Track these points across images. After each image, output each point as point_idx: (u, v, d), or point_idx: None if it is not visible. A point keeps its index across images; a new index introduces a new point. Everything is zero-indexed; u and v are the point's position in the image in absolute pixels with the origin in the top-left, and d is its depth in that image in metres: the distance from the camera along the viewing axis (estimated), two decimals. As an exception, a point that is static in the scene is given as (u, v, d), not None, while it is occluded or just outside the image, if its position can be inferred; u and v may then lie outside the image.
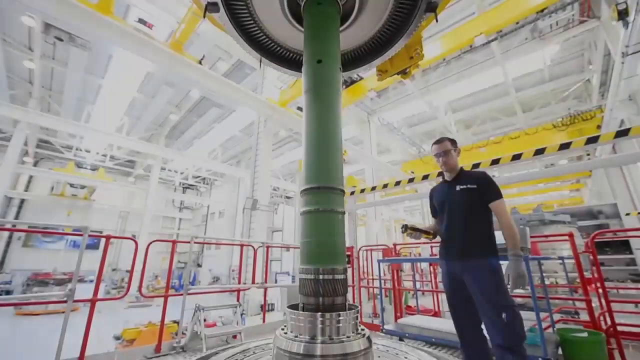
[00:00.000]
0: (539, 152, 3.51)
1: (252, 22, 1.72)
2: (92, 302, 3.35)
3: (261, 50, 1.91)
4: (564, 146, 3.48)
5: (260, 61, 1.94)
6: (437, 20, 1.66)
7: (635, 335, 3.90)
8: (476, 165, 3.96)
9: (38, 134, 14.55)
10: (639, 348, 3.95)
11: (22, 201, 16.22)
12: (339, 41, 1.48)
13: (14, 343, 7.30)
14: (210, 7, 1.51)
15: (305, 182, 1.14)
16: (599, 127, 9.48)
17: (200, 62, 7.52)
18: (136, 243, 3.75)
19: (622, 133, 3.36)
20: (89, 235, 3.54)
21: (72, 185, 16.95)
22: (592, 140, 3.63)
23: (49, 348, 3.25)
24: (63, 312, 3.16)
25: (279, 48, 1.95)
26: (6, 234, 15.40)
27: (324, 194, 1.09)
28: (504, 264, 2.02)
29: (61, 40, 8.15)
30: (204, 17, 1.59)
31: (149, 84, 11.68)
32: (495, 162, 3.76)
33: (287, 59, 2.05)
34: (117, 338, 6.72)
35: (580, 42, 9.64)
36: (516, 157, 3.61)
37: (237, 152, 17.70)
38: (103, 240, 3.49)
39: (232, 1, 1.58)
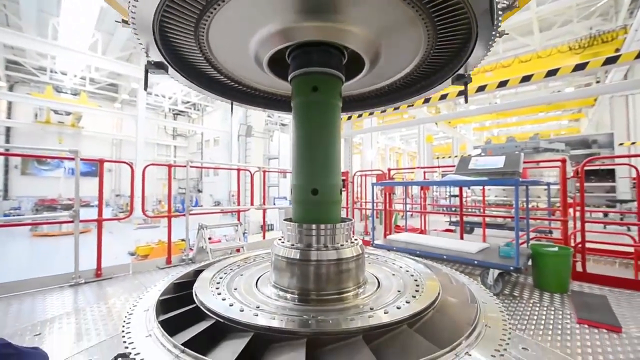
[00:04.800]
0: (552, 73, 3.27)
1: (216, 72, 1.30)
2: (99, 222, 3.53)
3: (231, 92, 1.48)
4: (580, 67, 3.22)
5: (232, 105, 1.56)
6: (466, 101, 1.29)
7: (598, 251, 4.38)
8: (482, 88, 3.74)
9: (3, 54, 13.13)
10: (598, 261, 4.47)
11: (8, 129, 15.70)
12: (340, 154, 1.13)
13: (34, 259, 8.03)
14: (154, 69, 1.10)
15: None
16: (617, 50, 8.79)
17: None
18: (131, 167, 3.75)
19: (645, 53, 3.08)
20: (83, 160, 3.52)
21: (56, 112, 16.17)
22: (611, 60, 3.35)
23: (67, 262, 3.56)
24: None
25: (255, 91, 1.52)
26: (2, 162, 15.40)
27: None
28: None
29: None
30: (146, 87, 1.18)
31: (118, -10, 10.02)
32: (502, 84, 3.53)
33: (266, 98, 1.62)
34: (132, 254, 7.40)
35: (624, -60, 8.14)
36: (526, 79, 3.38)
37: (227, 75, 16.46)
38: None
39: (188, 55, 1.16)
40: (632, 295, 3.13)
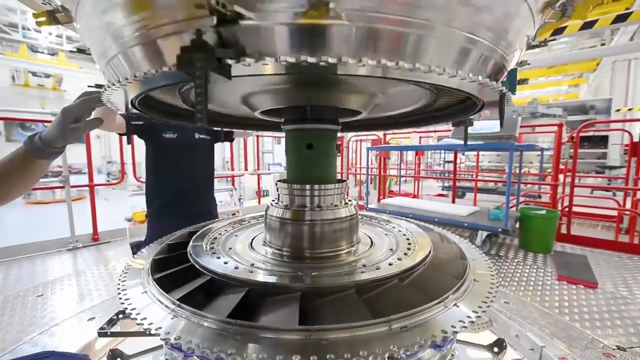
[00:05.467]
0: (557, 32, 3.11)
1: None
2: (90, 187, 3.49)
3: (221, 120, 1.37)
4: (587, 25, 3.06)
5: (222, 129, 1.50)
6: (465, 143, 1.14)
7: (583, 215, 4.55)
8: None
9: (-33, 6, 11.99)
10: (582, 224, 4.66)
11: (-15, 93, 14.86)
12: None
13: (29, 226, 8.07)
14: (137, 120, 1.10)
15: None
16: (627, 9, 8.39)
17: None
18: (119, 131, 3.62)
19: (657, 9, 2.92)
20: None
21: (34, 74, 15.22)
22: (621, 18, 3.19)
23: (63, 229, 3.57)
24: (72, 199, 3.34)
25: (246, 119, 1.38)
26: (-17, 127, 14.81)
27: None
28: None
29: None
30: (129, 140, 1.16)
31: None
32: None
33: (258, 123, 1.49)
34: (129, 220, 7.46)
35: None
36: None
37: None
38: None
39: (172, 104, 1.06)
40: (611, 255, 3.31)
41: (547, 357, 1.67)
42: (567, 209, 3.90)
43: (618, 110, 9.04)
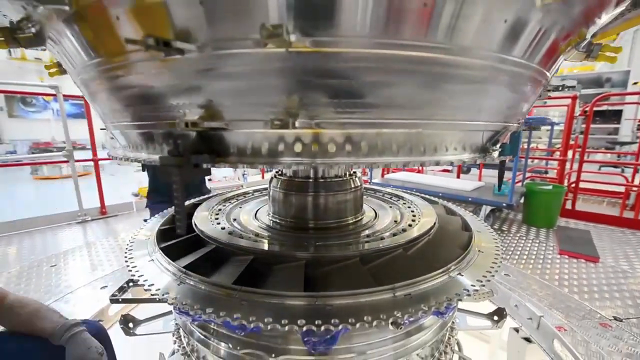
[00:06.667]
0: None
1: None
2: (95, 161, 3.50)
3: None
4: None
5: None
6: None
7: (590, 190, 4.50)
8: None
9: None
10: (587, 200, 4.63)
11: (-17, 67, 14.58)
12: None
13: (38, 200, 8.25)
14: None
15: None
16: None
17: None
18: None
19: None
20: (66, 97, 3.34)
21: (30, 46, 14.84)
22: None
23: (71, 203, 3.64)
24: (78, 175, 3.37)
25: None
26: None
27: None
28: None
29: None
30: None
31: None
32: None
33: None
34: (135, 195, 7.58)
35: None
36: None
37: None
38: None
39: None
40: (614, 230, 3.30)
41: (545, 326, 1.72)
42: (573, 185, 3.85)
43: (635, 83, 8.64)
